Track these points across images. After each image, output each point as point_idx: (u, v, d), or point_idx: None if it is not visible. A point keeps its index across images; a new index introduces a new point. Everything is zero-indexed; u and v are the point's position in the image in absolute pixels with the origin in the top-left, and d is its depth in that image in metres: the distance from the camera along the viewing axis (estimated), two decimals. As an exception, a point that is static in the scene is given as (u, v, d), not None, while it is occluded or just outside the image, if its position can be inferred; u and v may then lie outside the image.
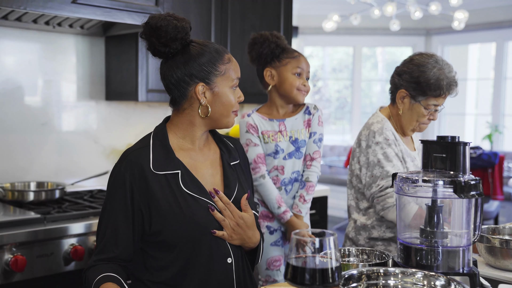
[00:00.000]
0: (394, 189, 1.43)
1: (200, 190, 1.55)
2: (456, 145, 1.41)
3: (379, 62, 8.99)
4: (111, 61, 3.03)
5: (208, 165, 1.62)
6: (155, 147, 1.55)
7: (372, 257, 1.58)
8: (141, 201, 1.50)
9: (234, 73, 1.59)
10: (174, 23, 1.52)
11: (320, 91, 9.00)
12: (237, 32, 3.26)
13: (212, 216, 1.53)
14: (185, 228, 1.49)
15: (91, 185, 3.00)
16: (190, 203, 1.51)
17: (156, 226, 1.50)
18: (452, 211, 1.42)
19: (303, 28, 7.76)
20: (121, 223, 1.50)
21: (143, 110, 3.24)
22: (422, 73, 2.06)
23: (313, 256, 1.08)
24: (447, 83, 2.05)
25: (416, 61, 2.10)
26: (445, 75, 2.05)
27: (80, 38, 2.97)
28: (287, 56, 2.24)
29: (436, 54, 2.13)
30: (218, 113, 1.57)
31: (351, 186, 2.20)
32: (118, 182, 1.52)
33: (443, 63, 2.08)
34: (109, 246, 1.50)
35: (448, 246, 1.37)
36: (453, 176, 1.36)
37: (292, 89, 2.23)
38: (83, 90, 3.01)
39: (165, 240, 1.50)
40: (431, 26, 7.87)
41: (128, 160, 1.52)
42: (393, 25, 6.27)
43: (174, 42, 1.53)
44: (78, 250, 2.22)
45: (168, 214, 1.49)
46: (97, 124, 3.07)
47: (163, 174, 1.52)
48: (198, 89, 1.55)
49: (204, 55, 1.55)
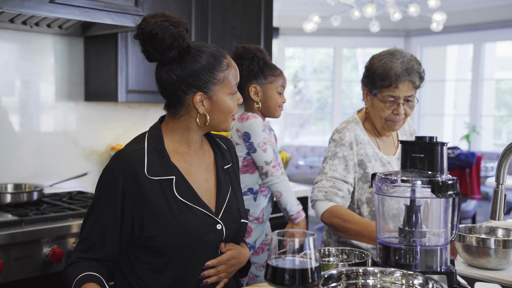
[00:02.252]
0: (374, 189, 1.44)
1: (193, 197, 1.52)
2: (434, 146, 1.43)
3: (360, 63, 9.05)
4: (90, 61, 3.01)
5: (203, 170, 1.59)
6: (150, 150, 1.51)
7: (352, 257, 1.59)
8: (133, 206, 1.47)
9: (234, 79, 1.54)
10: (171, 31, 1.46)
11: (301, 92, 9.03)
12: (217, 33, 3.25)
13: (205, 225, 1.51)
14: (177, 236, 1.47)
15: (70, 186, 2.97)
16: (183, 211, 1.49)
17: (148, 232, 1.47)
18: (430, 211, 1.43)
19: (284, 29, 7.77)
20: (109, 227, 1.47)
21: (123, 111, 3.21)
22: (371, 65, 2.05)
23: (292, 256, 1.08)
24: (395, 72, 1.98)
25: (372, 57, 2.10)
26: (395, 64, 1.99)
27: (59, 38, 2.94)
28: (272, 74, 2.25)
29: (401, 50, 2.08)
30: (216, 120, 1.54)
31: None
32: (109, 184, 1.48)
33: (398, 54, 2.03)
34: (95, 248, 1.48)
35: (426, 246, 1.38)
36: (431, 176, 1.37)
37: (276, 107, 2.26)
38: (61, 91, 2.98)
39: (156, 246, 1.48)
40: (410, 28, 7.95)
41: (122, 162, 1.48)
42: (372, 26, 6.32)
43: (171, 51, 1.48)
44: (57, 252, 2.20)
45: (160, 220, 1.47)
46: (76, 125, 3.04)
47: (157, 180, 1.48)
48: (196, 99, 1.50)
49: (201, 63, 1.50)
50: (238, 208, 1.61)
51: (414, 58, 2.04)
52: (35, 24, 2.65)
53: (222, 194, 1.59)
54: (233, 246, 1.58)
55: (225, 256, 1.55)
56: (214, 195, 1.58)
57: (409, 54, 2.06)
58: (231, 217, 1.58)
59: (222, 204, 1.58)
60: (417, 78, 2.02)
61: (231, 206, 1.59)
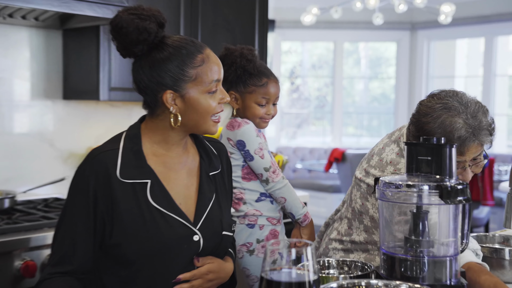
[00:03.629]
0: (377, 195, 1.44)
1: (169, 204, 1.51)
2: (442, 147, 1.42)
3: (362, 58, 9.07)
4: (70, 56, 3.00)
5: (183, 175, 1.58)
6: (125, 151, 1.51)
7: (354, 268, 1.59)
8: (105, 210, 1.46)
9: (209, 76, 1.51)
10: (135, 24, 1.45)
11: (299, 89, 9.04)
12: (208, 26, 3.25)
13: (180, 235, 1.50)
14: (147, 245, 1.46)
15: (46, 193, 2.95)
16: (156, 219, 1.48)
17: (116, 239, 1.47)
18: (438, 218, 1.43)
19: (280, 22, 7.78)
20: (81, 234, 1.47)
21: (105, 110, 3.20)
22: (423, 125, 1.77)
23: (289, 269, 1.07)
24: (459, 136, 1.71)
25: (420, 107, 1.82)
26: (457, 125, 1.73)
27: (35, 31, 2.93)
28: (253, 83, 2.22)
29: (457, 93, 1.82)
30: (193, 121, 1.53)
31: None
32: (80, 186, 1.48)
33: (457, 104, 1.77)
34: (66, 259, 1.47)
35: (434, 256, 1.38)
36: (439, 181, 1.37)
37: (255, 119, 2.24)
38: (37, 88, 2.96)
39: (124, 255, 1.47)
40: (417, 20, 7.97)
41: (94, 162, 1.48)
42: (376, 18, 6.33)
43: (137, 46, 1.48)
44: (30, 266, 2.18)
45: (129, 227, 1.46)
46: (53, 126, 3.02)
47: (130, 183, 1.48)
48: (166, 98, 1.50)
49: (171, 59, 1.49)
50: (221, 220, 1.59)
51: (479, 107, 1.78)
52: (8, 15, 2.63)
53: (203, 203, 1.57)
54: (211, 259, 1.57)
55: (202, 269, 1.53)
56: (195, 203, 1.57)
57: (471, 99, 1.80)
58: (211, 229, 1.56)
59: (202, 213, 1.56)
60: (487, 136, 1.77)
61: (212, 216, 1.58)
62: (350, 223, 2.07)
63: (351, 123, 9.05)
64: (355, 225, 2.04)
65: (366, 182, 1.98)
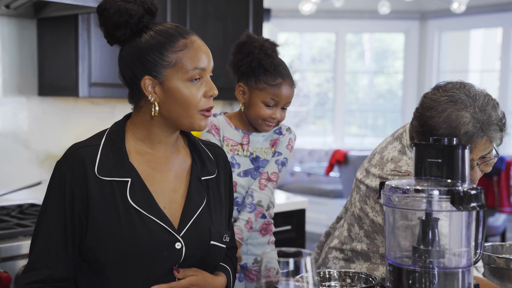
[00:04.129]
0: (382, 200, 1.45)
1: (151, 206, 1.51)
2: (453, 149, 1.43)
3: (366, 51, 9.09)
4: (45, 48, 3.00)
5: (170, 177, 1.59)
6: (105, 147, 1.52)
7: (357, 280, 1.60)
8: (81, 208, 1.48)
9: (191, 63, 1.52)
10: (118, 6, 1.49)
11: (297, 85, 9.03)
12: (198, 15, 3.26)
13: (159, 241, 1.49)
14: (121, 249, 1.47)
15: (21, 198, 2.96)
16: (134, 221, 1.48)
17: (90, 241, 1.48)
18: (449, 226, 1.44)
19: (277, 11, 7.79)
20: (55, 234, 1.48)
21: (84, 107, 3.21)
22: (427, 119, 1.78)
23: (286, 280, 1.08)
24: (466, 131, 1.73)
25: (425, 101, 1.83)
26: (464, 119, 1.73)
27: (6, 20, 2.93)
28: (266, 81, 2.21)
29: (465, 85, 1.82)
30: (175, 113, 1.53)
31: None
32: (57, 183, 1.50)
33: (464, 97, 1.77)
34: (40, 263, 1.48)
35: (445, 267, 1.39)
36: (451, 185, 1.38)
37: (257, 119, 2.24)
38: (10, 84, 2.96)
39: (97, 259, 1.48)
40: (427, 9, 7.99)
41: (71, 157, 1.50)
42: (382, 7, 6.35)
43: (119, 29, 1.52)
44: (3, 278, 2.18)
45: (104, 228, 1.47)
46: (28, 125, 3.03)
47: (109, 181, 1.49)
48: (144, 84, 1.52)
49: (151, 43, 1.52)
50: (210, 228, 1.58)
51: (488, 100, 1.78)
52: (-22, 4, 2.64)
53: (190, 208, 1.57)
54: (195, 271, 1.56)
55: (182, 282, 1.52)
56: (181, 208, 1.57)
57: (480, 92, 1.79)
58: (197, 237, 1.56)
59: (188, 219, 1.56)
60: (497, 131, 1.77)
61: (200, 224, 1.57)
62: (349, 230, 2.08)
63: (354, 122, 9.07)
64: (354, 231, 2.05)
65: (365, 183, 1.99)
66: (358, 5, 7.77)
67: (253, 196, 2.25)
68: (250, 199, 2.25)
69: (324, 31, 8.60)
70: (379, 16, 7.65)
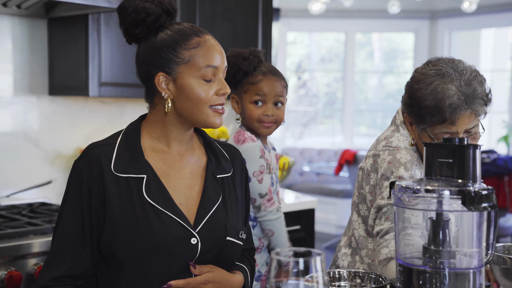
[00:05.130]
0: (392, 200, 1.45)
1: (166, 202, 1.53)
2: (464, 149, 1.43)
3: (376, 51, 9.07)
4: (56, 48, 3.01)
5: (186, 174, 1.61)
6: (121, 145, 1.56)
7: (367, 281, 1.60)
8: (98, 205, 1.50)
9: (204, 60, 1.55)
10: (136, 5, 1.53)
11: (306, 85, 9.05)
12: (207, 15, 3.26)
13: (175, 236, 1.51)
14: (138, 244, 1.48)
15: (32, 197, 2.97)
16: (149, 215, 1.50)
17: (107, 236, 1.50)
18: (460, 227, 1.44)
19: (286, 11, 7.78)
20: (73, 231, 1.50)
21: (94, 107, 3.22)
22: (415, 91, 1.85)
23: (296, 280, 1.09)
24: (451, 103, 1.78)
25: (414, 74, 1.90)
26: (449, 92, 1.79)
27: (17, 20, 2.94)
28: (248, 81, 2.25)
29: (454, 60, 1.87)
30: (187, 110, 1.56)
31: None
32: (74, 181, 1.53)
33: (451, 71, 1.82)
34: (58, 258, 1.51)
35: (456, 268, 1.39)
36: (461, 185, 1.37)
37: (252, 122, 2.25)
38: (21, 83, 2.98)
39: (114, 255, 1.50)
40: (437, 8, 7.96)
41: (88, 156, 1.54)
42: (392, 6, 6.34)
43: (136, 27, 1.56)
44: (14, 276, 2.19)
45: (120, 224, 1.49)
46: (38, 124, 3.04)
47: (125, 177, 1.52)
48: (158, 80, 1.55)
49: (166, 40, 1.55)
50: (226, 224, 1.60)
51: (475, 75, 1.84)
52: (-11, 4, 2.65)
53: (205, 204, 1.59)
54: (212, 268, 1.57)
55: (198, 278, 1.54)
56: (197, 204, 1.59)
57: (468, 67, 1.85)
58: (212, 233, 1.57)
59: (204, 215, 1.58)
60: (481, 105, 1.82)
61: (216, 220, 1.59)
62: (350, 220, 2.10)
63: (364, 121, 9.06)
64: (354, 219, 2.07)
65: (361, 167, 2.02)
66: (368, 4, 7.75)
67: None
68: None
69: (333, 30, 8.59)
70: (389, 16, 7.63)
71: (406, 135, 1.98)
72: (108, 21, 2.85)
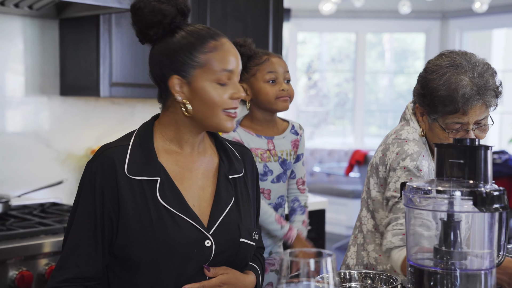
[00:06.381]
0: (403, 201, 1.44)
1: (180, 204, 1.53)
2: (476, 150, 1.42)
3: (387, 51, 9.05)
4: (67, 48, 3.02)
5: (198, 176, 1.61)
6: (134, 147, 1.55)
7: (378, 281, 1.59)
8: (111, 208, 1.50)
9: (220, 64, 1.53)
10: (152, 6, 1.51)
11: (317, 85, 9.04)
12: (217, 15, 3.26)
13: (189, 239, 1.51)
14: (153, 247, 1.48)
15: (43, 197, 2.98)
16: (164, 219, 1.50)
17: (121, 239, 1.50)
18: (472, 228, 1.43)
19: (297, 11, 7.78)
20: (85, 233, 1.50)
21: (105, 107, 3.23)
22: (428, 82, 1.89)
23: (307, 281, 1.08)
24: (463, 94, 1.82)
25: (428, 66, 1.94)
26: (462, 83, 1.82)
27: (29, 21, 2.96)
28: (254, 64, 2.27)
29: (467, 54, 1.90)
30: (200, 113, 1.54)
31: None
32: (87, 184, 1.52)
33: (465, 63, 1.85)
34: (70, 261, 1.50)
35: (467, 269, 1.38)
36: (473, 186, 1.37)
37: (271, 100, 2.26)
38: (32, 83, 2.99)
39: (129, 258, 1.50)
40: (448, 8, 7.93)
41: (102, 158, 1.53)
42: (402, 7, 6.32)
43: (151, 28, 1.54)
44: (25, 276, 2.20)
45: (135, 227, 1.49)
46: (49, 125, 3.05)
47: (139, 180, 1.51)
48: (172, 83, 1.54)
49: (181, 43, 1.54)
50: (239, 225, 1.60)
51: (487, 67, 1.88)
52: None
53: (219, 206, 1.59)
54: (226, 269, 1.57)
55: (213, 281, 1.53)
56: (210, 206, 1.59)
57: (480, 60, 1.89)
58: (226, 234, 1.57)
59: (217, 217, 1.58)
60: (493, 97, 1.87)
61: (229, 222, 1.59)
62: (359, 218, 2.12)
63: (374, 122, 9.04)
64: (363, 215, 2.08)
65: (371, 162, 2.04)
66: (379, 4, 7.73)
67: (299, 200, 2.44)
68: (297, 203, 2.45)
69: (344, 31, 8.58)
70: (400, 16, 7.61)
71: (416, 127, 2.00)
72: (119, 22, 2.86)
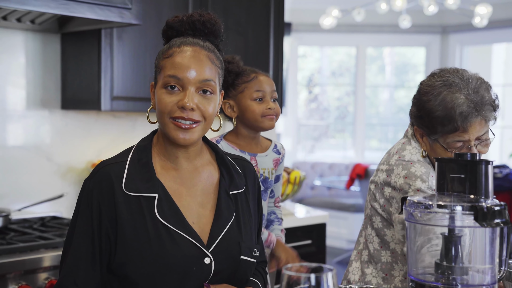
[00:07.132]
0: (404, 216, 1.44)
1: (179, 221, 1.51)
2: (476, 164, 1.42)
3: (387, 65, 9.07)
4: (68, 62, 3.03)
5: (197, 192, 1.59)
6: (132, 163, 1.54)
7: (379, 297, 1.58)
8: (109, 225, 1.49)
9: (168, 69, 1.51)
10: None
11: (317, 99, 9.05)
12: (218, 28, 3.27)
13: (188, 256, 1.49)
14: (151, 264, 1.47)
15: (43, 211, 2.98)
16: (163, 236, 1.48)
17: (120, 258, 1.49)
18: (473, 243, 1.43)
19: (297, 25, 7.81)
20: (83, 251, 1.49)
21: (106, 121, 3.23)
22: (424, 103, 1.88)
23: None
24: (461, 112, 1.81)
25: (421, 87, 1.93)
26: (458, 101, 1.82)
27: (31, 35, 2.97)
28: (242, 81, 2.27)
29: (458, 70, 1.92)
30: (159, 122, 1.55)
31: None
32: (84, 201, 1.51)
33: (458, 81, 1.86)
34: (69, 279, 1.49)
35: (469, 285, 1.38)
36: (474, 201, 1.36)
37: (257, 117, 2.26)
38: (34, 97, 2.99)
39: (127, 276, 1.48)
40: (448, 23, 7.96)
41: (99, 175, 1.52)
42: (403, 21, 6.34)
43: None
44: (26, 290, 2.20)
45: (133, 244, 1.48)
46: (50, 138, 3.05)
47: (136, 196, 1.50)
48: (151, 89, 1.61)
49: (160, 50, 1.60)
50: (239, 243, 1.58)
51: (480, 82, 1.88)
52: (2, 18, 2.67)
53: (219, 223, 1.57)
54: (226, 287, 1.54)
55: None
56: (210, 223, 1.57)
57: (473, 76, 1.90)
58: (226, 252, 1.55)
59: (218, 235, 1.55)
60: (491, 111, 1.87)
61: (229, 239, 1.57)
62: (363, 234, 2.10)
63: (375, 135, 9.04)
64: (367, 233, 2.07)
65: (374, 180, 2.04)
66: (379, 19, 7.76)
67: (275, 212, 2.46)
68: (274, 215, 2.46)
69: (344, 45, 8.60)
70: (400, 30, 7.63)
71: (418, 147, 1.99)
72: (121, 36, 2.86)
